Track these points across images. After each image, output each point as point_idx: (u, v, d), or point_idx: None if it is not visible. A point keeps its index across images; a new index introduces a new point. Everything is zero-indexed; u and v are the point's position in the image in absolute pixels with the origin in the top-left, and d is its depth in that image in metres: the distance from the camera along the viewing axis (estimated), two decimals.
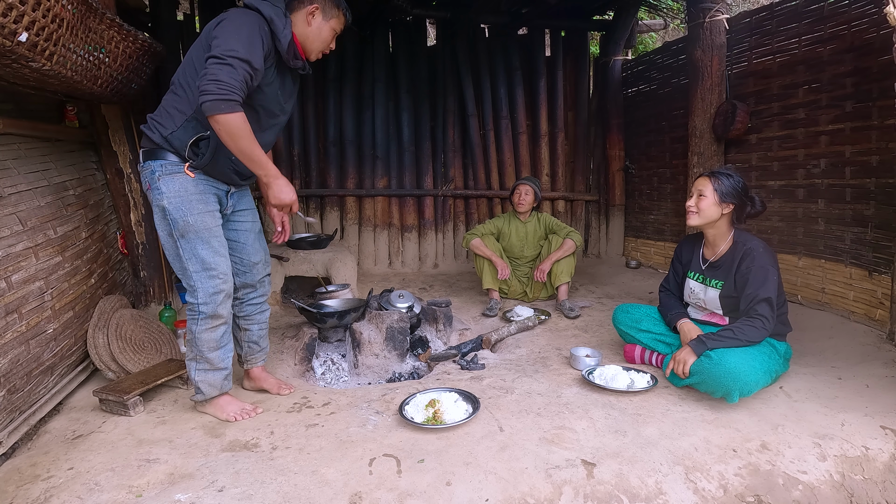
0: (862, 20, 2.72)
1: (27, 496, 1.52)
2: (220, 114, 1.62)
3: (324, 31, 1.90)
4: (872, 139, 2.72)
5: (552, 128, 4.94)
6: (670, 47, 4.30)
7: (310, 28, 1.86)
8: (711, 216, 2.13)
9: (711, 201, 2.12)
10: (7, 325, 1.79)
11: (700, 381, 2.01)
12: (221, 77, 1.61)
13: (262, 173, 1.81)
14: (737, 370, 1.88)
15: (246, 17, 1.71)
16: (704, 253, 2.28)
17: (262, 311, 2.20)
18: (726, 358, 1.92)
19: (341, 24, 1.93)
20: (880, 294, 2.68)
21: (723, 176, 2.12)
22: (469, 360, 2.57)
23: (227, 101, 1.62)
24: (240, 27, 1.68)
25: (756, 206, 2.14)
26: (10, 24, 1.41)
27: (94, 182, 2.62)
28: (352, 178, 4.65)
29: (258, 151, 1.74)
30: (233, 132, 1.66)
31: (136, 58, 2.29)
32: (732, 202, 2.11)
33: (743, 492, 1.56)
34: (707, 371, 1.95)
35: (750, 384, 1.91)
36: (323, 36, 1.91)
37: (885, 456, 1.69)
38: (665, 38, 7.03)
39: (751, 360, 1.93)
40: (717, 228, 2.18)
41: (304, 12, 1.85)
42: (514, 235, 3.68)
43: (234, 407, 1.99)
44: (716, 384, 1.92)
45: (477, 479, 1.55)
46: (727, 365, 1.89)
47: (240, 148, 1.70)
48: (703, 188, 2.14)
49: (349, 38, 4.40)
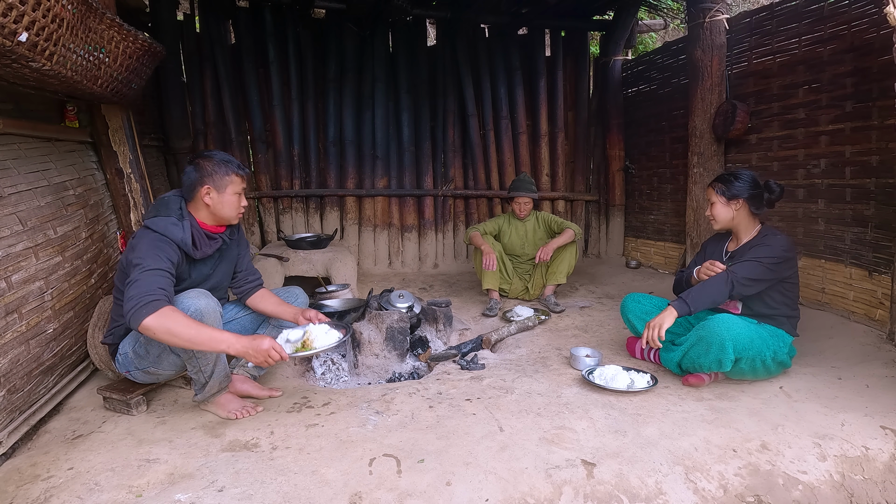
0: (862, 20, 2.72)
1: (27, 496, 1.52)
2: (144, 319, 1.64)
3: (227, 201, 1.96)
4: (872, 139, 2.72)
5: (552, 128, 4.94)
6: (670, 47, 4.30)
7: (212, 207, 1.95)
8: (726, 217, 2.28)
9: (720, 205, 2.28)
10: (7, 325, 1.79)
11: (695, 341, 2.10)
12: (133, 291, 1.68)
13: (222, 349, 1.73)
14: (731, 321, 2.01)
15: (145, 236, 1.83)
16: (728, 246, 2.38)
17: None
18: (720, 315, 2.05)
19: (241, 184, 1.99)
20: (880, 294, 2.68)
21: (724, 179, 2.28)
22: (469, 360, 2.57)
23: (148, 304, 1.65)
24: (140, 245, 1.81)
25: (774, 192, 2.23)
26: (10, 24, 1.41)
27: (94, 182, 2.62)
28: (352, 178, 4.65)
29: (203, 335, 1.69)
30: (166, 331, 1.67)
31: (136, 58, 2.29)
32: (741, 197, 2.23)
33: (743, 492, 1.56)
34: (702, 326, 2.08)
35: (744, 339, 2.00)
36: (229, 204, 1.97)
37: (885, 456, 1.69)
38: (665, 38, 7.03)
39: (747, 322, 2.07)
40: (738, 223, 2.29)
41: (199, 197, 1.93)
42: (514, 234, 3.70)
43: (235, 404, 1.99)
44: (710, 336, 2.02)
45: (477, 479, 1.55)
46: (721, 316, 2.04)
47: (183, 338, 1.68)
48: (710, 197, 2.32)
49: (349, 38, 4.40)
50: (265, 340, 1.74)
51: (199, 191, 1.92)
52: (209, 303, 1.81)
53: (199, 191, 1.92)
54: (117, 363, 1.98)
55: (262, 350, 1.72)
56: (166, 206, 1.92)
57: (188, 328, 1.67)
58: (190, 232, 1.89)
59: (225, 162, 1.95)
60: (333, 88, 4.50)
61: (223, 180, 1.93)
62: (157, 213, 1.89)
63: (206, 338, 1.70)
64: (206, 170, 1.92)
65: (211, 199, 1.93)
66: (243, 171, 1.99)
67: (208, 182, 1.91)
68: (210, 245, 1.98)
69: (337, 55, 4.44)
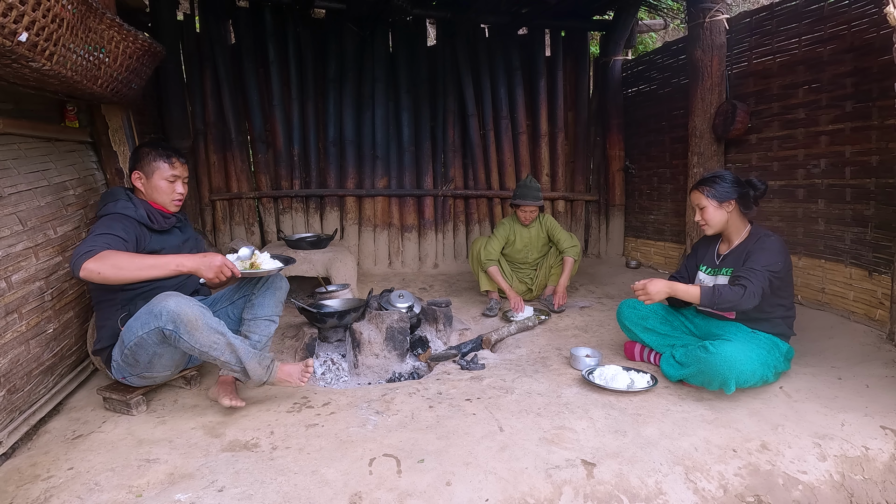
0: (862, 20, 2.72)
1: (27, 496, 1.52)
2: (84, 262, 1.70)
3: (156, 186, 2.08)
4: (872, 139, 2.71)
5: (552, 128, 4.94)
6: (670, 47, 4.30)
7: (145, 192, 2.09)
8: (720, 220, 2.23)
9: (712, 208, 2.21)
10: (7, 325, 1.79)
11: (696, 372, 2.02)
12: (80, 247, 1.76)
13: (173, 268, 1.81)
14: (734, 358, 1.90)
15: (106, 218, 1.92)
16: (720, 248, 2.33)
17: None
18: (723, 347, 1.95)
19: (169, 171, 2.07)
20: (880, 294, 2.68)
21: (709, 182, 2.21)
22: (469, 360, 2.57)
23: (85, 253, 1.72)
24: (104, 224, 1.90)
25: (758, 188, 2.18)
26: (10, 24, 1.41)
27: (94, 182, 2.62)
28: (352, 178, 4.65)
29: (147, 260, 1.79)
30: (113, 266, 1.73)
31: (136, 58, 2.29)
32: (732, 198, 2.18)
33: (743, 492, 1.56)
34: (704, 360, 1.96)
35: (747, 374, 1.93)
36: (158, 189, 2.08)
37: (885, 456, 1.69)
38: (665, 38, 7.03)
39: (748, 351, 1.96)
40: (731, 225, 2.24)
41: (134, 181, 2.08)
42: (518, 241, 3.64)
43: (295, 368, 2.06)
44: (713, 373, 1.94)
45: (477, 479, 1.55)
46: (724, 353, 1.92)
47: (131, 269, 1.76)
48: (699, 201, 2.24)
49: (349, 38, 4.40)
50: (217, 257, 1.84)
51: (133, 175, 2.07)
52: (182, 301, 1.78)
53: (132, 175, 2.07)
54: (112, 370, 1.98)
55: (214, 266, 1.82)
56: (112, 195, 2.04)
57: (132, 259, 1.76)
58: (143, 209, 2.02)
59: (157, 149, 2.07)
60: (333, 88, 4.50)
61: (150, 166, 2.06)
62: (106, 203, 2.00)
63: (153, 263, 1.79)
64: (139, 155, 2.07)
65: (141, 184, 2.07)
66: (172, 160, 2.08)
67: (138, 167, 2.07)
68: (167, 221, 2.10)
69: (337, 55, 4.44)
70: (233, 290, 2.23)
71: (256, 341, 2.11)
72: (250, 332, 2.12)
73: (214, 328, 1.82)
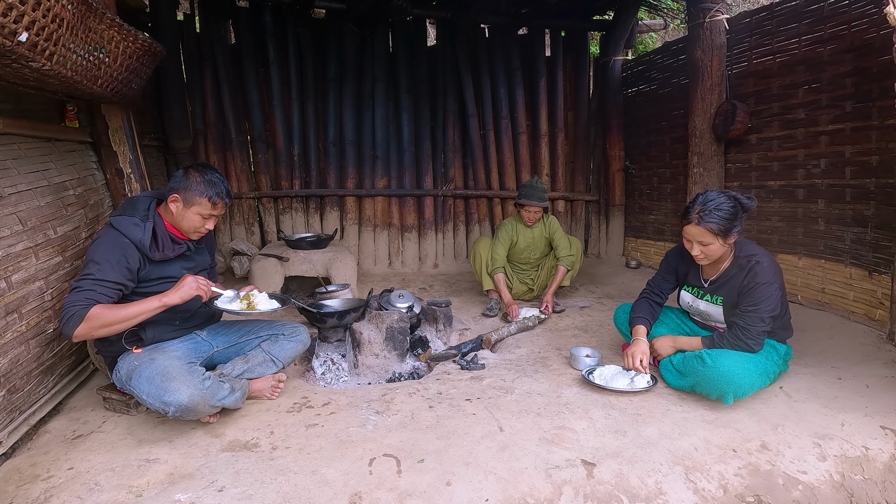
0: (862, 20, 2.72)
1: (27, 496, 1.52)
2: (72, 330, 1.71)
3: (187, 217, 1.99)
4: (872, 139, 2.72)
5: (552, 128, 4.94)
6: (670, 47, 4.30)
7: (174, 215, 2.00)
8: (720, 254, 2.05)
9: (718, 246, 2.00)
10: (7, 325, 1.79)
11: (694, 384, 2.01)
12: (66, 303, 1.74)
13: (157, 306, 1.81)
14: (731, 372, 1.88)
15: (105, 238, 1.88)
16: (706, 271, 2.20)
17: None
18: (721, 360, 1.92)
19: (208, 210, 2.00)
20: (880, 294, 2.68)
21: (714, 219, 1.96)
22: (469, 360, 2.57)
23: (72, 317, 1.71)
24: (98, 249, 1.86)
25: (749, 208, 2.03)
26: (10, 24, 1.41)
27: (94, 182, 2.62)
28: (352, 178, 4.65)
29: (132, 310, 1.78)
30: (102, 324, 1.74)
31: (136, 58, 2.29)
32: (738, 230, 2.01)
33: (743, 492, 1.56)
34: (701, 373, 1.95)
35: (744, 387, 1.91)
36: (188, 220, 2.00)
37: (885, 456, 1.69)
38: (665, 38, 7.03)
39: (746, 363, 1.93)
40: (724, 253, 2.09)
41: (170, 200, 1.99)
42: (521, 241, 3.60)
43: (266, 383, 2.13)
44: (710, 386, 1.93)
45: (477, 479, 1.55)
46: (721, 367, 1.90)
47: (119, 323, 1.77)
48: (702, 238, 2.00)
49: (349, 38, 4.40)
50: (188, 281, 1.85)
51: (172, 195, 1.98)
52: (196, 394, 1.75)
53: (171, 195, 1.98)
54: (114, 377, 1.96)
55: (193, 291, 1.84)
56: (133, 205, 1.98)
57: (117, 312, 1.76)
58: (151, 233, 1.93)
59: (208, 183, 1.97)
60: (333, 88, 4.50)
61: (193, 198, 1.96)
62: (123, 213, 1.95)
63: (139, 310, 1.79)
64: (188, 181, 1.97)
65: (175, 208, 1.98)
66: (218, 200, 1.99)
67: (181, 192, 1.96)
68: (173, 249, 2.01)
69: (337, 55, 4.44)
70: (262, 327, 2.23)
71: (242, 371, 2.09)
72: (249, 360, 2.12)
73: (214, 406, 1.83)
